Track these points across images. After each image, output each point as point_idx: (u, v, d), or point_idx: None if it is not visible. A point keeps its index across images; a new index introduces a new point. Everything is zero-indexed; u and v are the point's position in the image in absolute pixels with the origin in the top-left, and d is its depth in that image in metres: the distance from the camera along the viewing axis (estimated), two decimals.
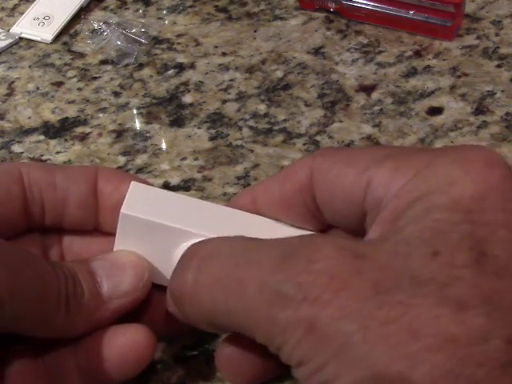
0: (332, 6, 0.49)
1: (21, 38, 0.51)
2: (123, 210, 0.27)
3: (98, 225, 0.29)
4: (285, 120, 0.43)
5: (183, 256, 0.25)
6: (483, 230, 0.21)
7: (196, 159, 0.41)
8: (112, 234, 0.28)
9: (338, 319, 0.20)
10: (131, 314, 0.28)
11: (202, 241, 0.25)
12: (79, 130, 0.44)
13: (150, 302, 0.28)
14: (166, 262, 0.28)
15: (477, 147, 0.23)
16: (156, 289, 0.28)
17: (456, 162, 0.22)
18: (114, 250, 0.28)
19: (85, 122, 0.44)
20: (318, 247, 0.22)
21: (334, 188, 0.25)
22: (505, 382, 0.18)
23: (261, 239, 0.24)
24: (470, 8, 0.49)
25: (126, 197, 0.27)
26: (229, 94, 0.45)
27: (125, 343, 0.27)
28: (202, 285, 0.23)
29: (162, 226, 0.27)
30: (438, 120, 0.42)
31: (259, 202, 0.28)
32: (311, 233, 0.27)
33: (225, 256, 0.23)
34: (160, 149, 0.42)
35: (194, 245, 0.25)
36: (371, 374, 0.19)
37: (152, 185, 0.29)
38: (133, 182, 0.28)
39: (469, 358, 0.19)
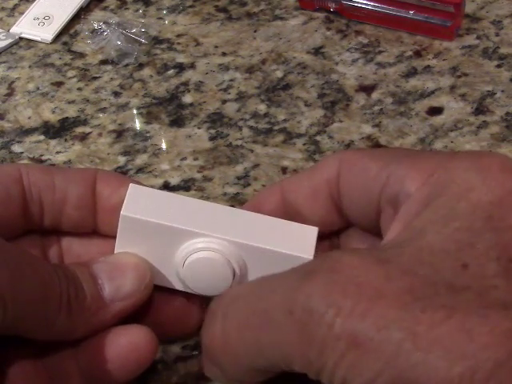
0: (332, 6, 0.49)
1: (21, 38, 0.51)
2: (123, 211, 0.27)
3: (96, 227, 0.29)
4: (285, 120, 0.43)
5: (209, 311, 0.24)
6: (507, 236, 0.21)
7: (196, 159, 0.41)
8: (111, 237, 0.28)
9: (382, 329, 0.19)
10: (133, 316, 0.28)
11: (224, 292, 0.24)
12: (79, 130, 0.44)
13: (151, 304, 0.28)
14: (168, 262, 0.28)
15: (491, 153, 0.23)
16: (158, 290, 0.28)
17: (472, 168, 0.22)
18: (115, 252, 0.28)
19: (85, 122, 0.44)
20: (337, 258, 0.21)
21: (356, 180, 0.26)
22: None
23: (280, 272, 0.23)
24: (470, 8, 0.49)
25: (126, 199, 0.27)
26: (229, 94, 0.45)
27: (126, 344, 0.27)
28: (230, 331, 0.23)
29: (162, 227, 0.27)
30: (437, 120, 0.42)
31: (287, 191, 0.28)
32: (328, 252, 0.27)
33: (247, 295, 0.23)
34: (160, 149, 0.42)
35: (216, 298, 0.24)
36: (431, 381, 0.18)
37: (153, 187, 0.29)
38: (131, 184, 0.28)
39: None
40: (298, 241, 0.27)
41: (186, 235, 0.27)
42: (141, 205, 0.27)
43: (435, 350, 0.19)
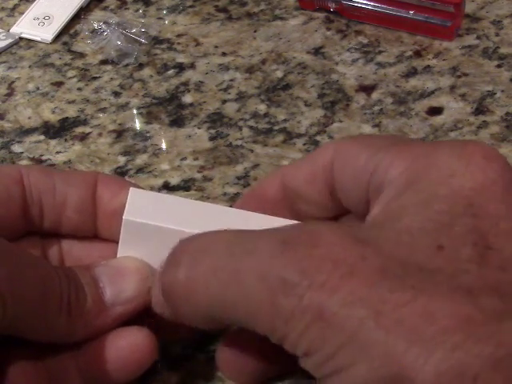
0: (332, 6, 0.49)
1: (21, 38, 0.51)
2: (125, 216, 0.27)
3: (97, 231, 0.29)
4: (285, 120, 0.43)
5: (172, 253, 0.24)
6: (485, 223, 0.21)
7: (196, 159, 0.41)
8: (111, 241, 0.28)
9: (347, 305, 0.20)
10: (133, 320, 0.27)
11: (192, 236, 0.24)
12: (79, 130, 0.44)
13: (151, 308, 0.28)
14: None
15: (475, 142, 0.24)
16: None
17: (455, 155, 0.23)
18: (118, 255, 0.28)
19: (85, 122, 0.44)
20: (318, 233, 0.21)
21: (348, 168, 0.26)
22: None
23: (255, 230, 0.23)
24: (470, 8, 0.49)
25: (127, 203, 0.27)
26: (229, 94, 0.45)
27: (126, 346, 0.27)
28: (195, 281, 0.23)
29: (165, 230, 0.27)
30: (437, 120, 0.42)
31: (287, 180, 0.28)
32: (308, 221, 0.27)
33: (218, 249, 0.23)
34: (160, 149, 0.42)
35: (182, 240, 0.24)
36: (387, 360, 0.19)
37: (153, 187, 0.29)
38: (131, 188, 0.28)
39: (487, 337, 0.18)
40: None
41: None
42: (142, 208, 0.27)
43: (396, 329, 0.19)
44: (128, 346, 0.27)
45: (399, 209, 0.22)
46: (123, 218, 0.27)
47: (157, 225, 0.27)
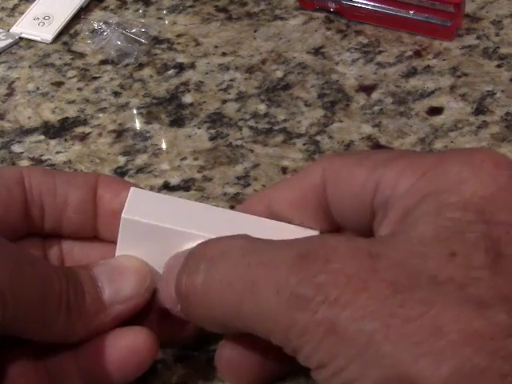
0: (332, 6, 0.49)
1: (21, 38, 0.51)
2: (124, 214, 0.27)
3: (97, 232, 0.29)
4: (285, 120, 0.43)
5: (190, 256, 0.25)
6: (497, 230, 0.21)
7: (196, 159, 0.41)
8: (112, 242, 0.28)
9: (358, 319, 0.20)
10: (132, 320, 0.27)
11: (210, 240, 0.25)
12: (79, 129, 0.44)
13: (151, 309, 0.28)
14: None
15: (484, 150, 0.24)
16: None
17: (465, 163, 0.23)
18: (116, 255, 0.28)
19: (85, 122, 0.44)
20: (333, 247, 0.22)
21: (344, 188, 0.26)
22: None
23: (271, 240, 0.23)
24: (470, 8, 0.49)
25: (127, 202, 0.27)
26: (229, 94, 0.45)
27: (126, 346, 0.27)
28: (212, 287, 0.23)
29: (163, 229, 0.27)
30: (437, 120, 0.42)
31: (273, 200, 0.28)
32: (324, 234, 0.27)
33: (235, 257, 0.23)
34: (160, 149, 0.42)
35: (201, 244, 0.25)
36: (396, 373, 0.19)
37: (153, 187, 0.29)
38: (132, 188, 0.28)
39: (495, 352, 0.19)
40: None
41: (187, 238, 0.27)
42: (141, 208, 0.27)
43: (405, 343, 0.19)
44: (128, 345, 0.27)
45: (411, 220, 0.22)
46: (121, 216, 0.27)
47: (154, 224, 0.27)
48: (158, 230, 0.27)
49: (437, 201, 0.22)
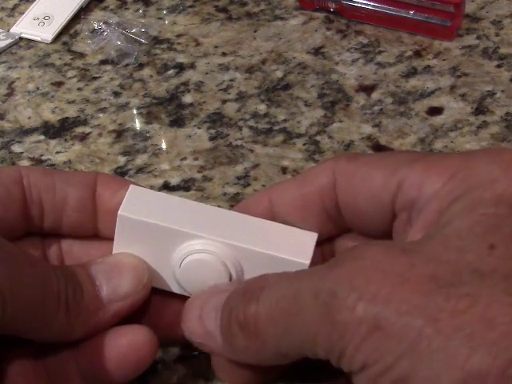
0: (332, 6, 0.49)
1: (21, 38, 0.51)
2: (120, 211, 0.27)
3: (97, 230, 0.29)
4: (285, 120, 0.43)
5: (242, 290, 0.24)
6: None
7: (196, 159, 0.41)
8: (111, 240, 0.28)
9: (404, 314, 0.19)
10: (130, 319, 0.27)
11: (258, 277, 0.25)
12: (79, 129, 0.44)
13: (149, 307, 0.28)
14: (165, 264, 0.27)
15: (510, 149, 0.24)
16: (155, 293, 0.28)
17: (494, 162, 0.23)
18: (113, 252, 0.28)
19: (85, 122, 0.44)
20: (363, 248, 0.22)
21: (360, 190, 0.25)
22: None
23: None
24: (470, 8, 0.49)
25: (124, 199, 0.27)
26: (229, 93, 0.45)
27: (125, 344, 0.27)
28: (261, 314, 0.23)
29: (159, 228, 0.27)
30: (438, 120, 0.42)
31: (276, 202, 0.28)
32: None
33: (278, 282, 0.23)
34: (160, 149, 0.42)
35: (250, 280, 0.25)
36: (449, 367, 0.19)
37: (153, 187, 0.29)
38: (131, 185, 0.28)
39: None
40: (296, 246, 0.27)
41: (183, 237, 0.27)
42: (139, 205, 0.27)
43: (456, 336, 0.19)
44: (128, 343, 0.27)
45: (445, 219, 0.22)
46: (118, 213, 0.27)
47: (150, 222, 0.27)
48: (154, 228, 0.27)
49: (469, 199, 0.22)
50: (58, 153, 0.42)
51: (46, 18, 0.51)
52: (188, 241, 0.27)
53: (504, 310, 0.19)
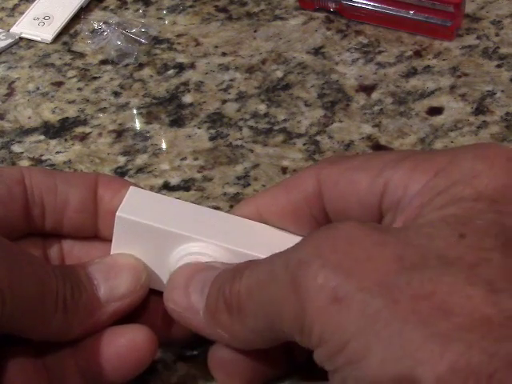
0: (332, 6, 0.49)
1: (21, 38, 0.51)
2: (118, 212, 0.27)
3: (98, 231, 0.29)
4: (285, 120, 0.43)
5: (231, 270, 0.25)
6: (508, 220, 0.21)
7: (196, 159, 0.41)
8: (111, 240, 0.28)
9: (364, 290, 0.19)
10: (128, 319, 0.27)
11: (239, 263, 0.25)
12: (79, 129, 0.44)
13: (146, 307, 0.28)
14: (162, 265, 0.28)
15: (495, 144, 0.24)
16: (153, 294, 0.28)
17: (478, 157, 0.23)
18: (111, 253, 0.28)
19: (85, 122, 0.44)
20: (338, 222, 0.22)
21: (346, 195, 0.25)
22: None
23: None
24: (470, 8, 0.49)
25: (124, 200, 0.27)
26: (229, 93, 0.45)
27: (124, 344, 0.27)
28: (242, 291, 0.23)
29: (156, 230, 0.27)
30: (438, 120, 0.42)
31: (263, 211, 0.28)
32: None
33: (259, 261, 0.23)
34: (160, 149, 0.42)
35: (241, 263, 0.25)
36: (402, 352, 0.19)
37: (153, 187, 0.29)
38: (131, 187, 0.28)
39: (503, 338, 0.18)
40: None
41: (181, 239, 0.27)
42: (137, 207, 0.27)
43: (412, 321, 0.19)
44: (127, 343, 0.27)
45: (424, 212, 0.22)
46: (116, 214, 0.27)
47: (147, 224, 0.27)
48: (151, 230, 0.27)
49: (451, 194, 0.22)
50: (57, 153, 0.42)
51: (46, 18, 0.51)
52: (185, 243, 0.27)
53: (462, 302, 0.19)
